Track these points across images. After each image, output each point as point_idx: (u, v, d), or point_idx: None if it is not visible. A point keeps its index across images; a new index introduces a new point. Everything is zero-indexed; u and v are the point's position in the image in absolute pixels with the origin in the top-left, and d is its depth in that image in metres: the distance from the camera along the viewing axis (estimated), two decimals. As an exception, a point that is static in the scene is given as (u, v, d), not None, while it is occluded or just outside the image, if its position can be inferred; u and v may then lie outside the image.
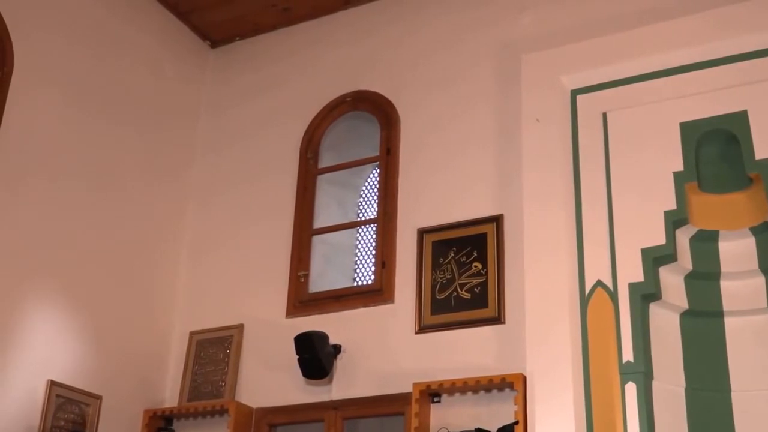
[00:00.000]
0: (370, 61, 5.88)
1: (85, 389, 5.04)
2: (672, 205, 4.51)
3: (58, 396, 4.88)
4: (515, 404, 4.42)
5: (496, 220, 5.02)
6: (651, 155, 4.65)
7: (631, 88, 4.84)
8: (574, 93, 4.97)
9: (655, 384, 4.31)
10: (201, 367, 5.58)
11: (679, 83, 4.72)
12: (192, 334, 5.71)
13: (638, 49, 4.84)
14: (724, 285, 4.51)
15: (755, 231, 4.48)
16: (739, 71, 4.60)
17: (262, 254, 5.70)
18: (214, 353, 5.58)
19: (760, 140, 4.42)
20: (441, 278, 5.05)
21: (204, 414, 5.35)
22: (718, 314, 4.48)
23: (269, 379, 5.32)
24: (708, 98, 4.62)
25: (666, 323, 4.47)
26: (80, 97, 5.44)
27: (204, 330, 5.67)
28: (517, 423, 4.36)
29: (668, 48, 4.77)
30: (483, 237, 5.03)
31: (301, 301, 5.46)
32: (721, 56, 4.65)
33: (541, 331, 4.49)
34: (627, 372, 4.28)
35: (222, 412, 5.26)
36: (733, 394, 4.36)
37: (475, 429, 4.51)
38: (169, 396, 5.61)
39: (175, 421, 5.46)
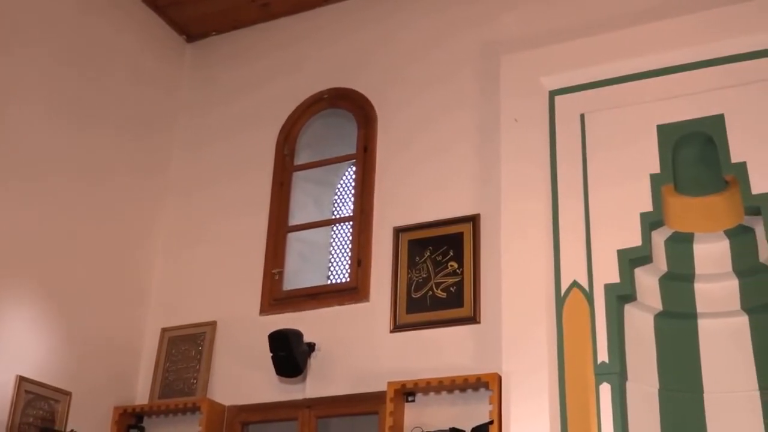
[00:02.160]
0: (349, 58, 5.86)
1: (54, 385, 4.97)
2: (648, 207, 4.52)
3: (27, 392, 4.80)
4: (490, 404, 4.42)
5: (473, 220, 5.01)
6: (628, 157, 4.66)
7: (609, 90, 4.85)
8: (553, 94, 4.97)
9: (629, 385, 4.32)
10: (173, 364, 5.53)
11: (657, 86, 4.74)
12: (164, 330, 5.66)
13: (617, 51, 4.85)
14: (698, 287, 4.53)
15: (730, 234, 4.50)
16: (716, 75, 4.63)
17: (237, 251, 5.66)
18: (186, 350, 5.52)
19: (737, 143, 4.45)
20: (417, 277, 5.04)
21: (176, 411, 5.30)
22: (692, 316, 4.51)
23: (242, 376, 5.27)
24: (685, 101, 4.65)
25: (640, 324, 4.49)
26: (56, 93, 5.38)
27: (177, 327, 5.62)
28: (491, 423, 4.36)
29: (646, 51, 4.78)
30: (459, 236, 5.02)
31: (276, 298, 5.42)
32: (699, 60, 4.68)
33: (517, 331, 4.48)
34: (602, 373, 4.29)
35: (194, 409, 5.21)
36: (705, 396, 4.39)
37: (450, 429, 4.50)
38: (141, 393, 5.55)
39: (146, 418, 5.41)
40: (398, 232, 5.20)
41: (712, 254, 4.53)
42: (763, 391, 4.29)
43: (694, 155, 4.64)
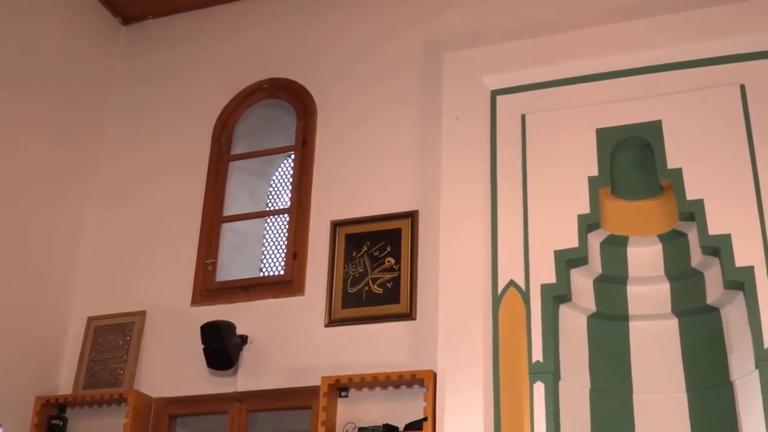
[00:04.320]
0: (291, 50, 5.78)
1: (-27, 374, 4.81)
2: (586, 209, 4.57)
3: (-55, 380, 4.64)
4: (425, 401, 4.42)
5: (411, 216, 5.01)
6: (567, 159, 4.71)
7: (550, 91, 4.89)
8: (495, 93, 4.99)
9: (561, 384, 4.37)
10: (99, 354, 5.39)
11: (598, 90, 4.80)
12: (90, 319, 5.51)
13: (559, 54, 4.90)
14: (631, 289, 4.61)
15: (663, 238, 4.59)
16: (655, 81, 4.71)
17: (169, 239, 5.55)
18: (113, 340, 5.39)
19: (673, 150, 4.53)
20: (353, 272, 5.01)
21: (101, 403, 5.18)
22: (624, 317, 4.58)
23: (171, 368, 5.17)
24: (625, 106, 4.71)
25: (574, 324, 4.54)
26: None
27: (104, 316, 5.48)
28: (425, 419, 4.36)
29: (588, 55, 4.84)
30: (397, 232, 5.01)
31: (208, 289, 5.33)
32: (639, 66, 4.75)
33: (453, 329, 4.49)
34: (536, 372, 4.32)
35: (120, 401, 5.09)
36: (634, 396, 4.46)
37: (383, 425, 4.48)
38: (64, 383, 5.40)
39: (69, 409, 5.26)
40: (335, 226, 5.16)
41: (645, 258, 4.61)
42: (690, 392, 4.39)
43: (632, 160, 4.71)
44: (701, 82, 4.61)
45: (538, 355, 4.36)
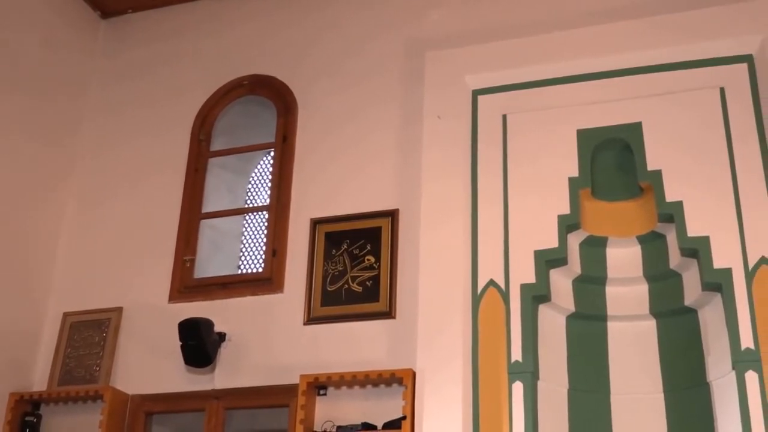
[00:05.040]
0: (272, 45, 5.76)
1: (-54, 369, 4.75)
2: (566, 210, 4.59)
3: None
4: (403, 400, 4.41)
5: (392, 215, 5.00)
6: (548, 159, 4.72)
7: (532, 92, 4.91)
8: (476, 93, 5.00)
9: (540, 384, 4.38)
10: (75, 350, 5.34)
11: (579, 91, 4.81)
12: (66, 315, 5.45)
13: (541, 55, 4.91)
14: (610, 290, 4.63)
15: (642, 239, 4.62)
16: (636, 84, 4.74)
17: (147, 235, 5.50)
18: (89, 336, 5.34)
19: (653, 152, 4.56)
20: (333, 270, 5.00)
21: (76, 399, 5.12)
22: (602, 318, 4.60)
23: (148, 365, 5.13)
24: (605, 108, 4.73)
25: (553, 325, 4.56)
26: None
27: (80, 311, 5.42)
28: (404, 418, 4.36)
29: (570, 56, 4.86)
30: (377, 231, 5.00)
31: (186, 286, 5.30)
32: (620, 68, 4.78)
33: (432, 328, 4.49)
34: (515, 371, 4.33)
35: (96, 398, 5.05)
36: (612, 397, 4.48)
37: (362, 423, 4.48)
38: (39, 380, 5.33)
39: (43, 406, 5.21)
40: (315, 223, 5.14)
41: (624, 259, 4.63)
42: (667, 393, 4.41)
43: (612, 161, 4.74)
44: (681, 85, 4.65)
45: (517, 354, 4.37)
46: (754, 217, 4.28)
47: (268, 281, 5.12)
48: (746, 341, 4.07)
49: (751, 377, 4.01)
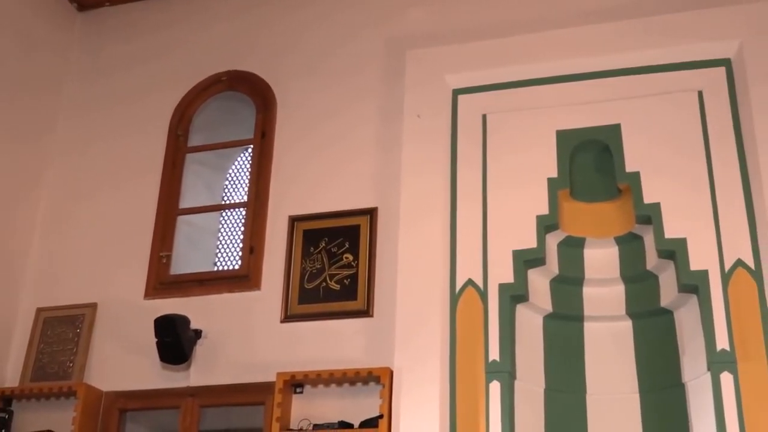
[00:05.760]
0: (251, 41, 5.72)
1: None
2: (544, 210, 4.60)
3: None
4: (381, 398, 4.41)
5: (370, 213, 4.99)
6: (527, 160, 4.73)
7: (512, 92, 4.92)
8: (456, 92, 5.00)
9: (517, 384, 4.39)
10: (48, 346, 5.28)
11: (558, 92, 4.83)
12: (40, 310, 5.39)
13: (521, 55, 4.92)
14: (587, 290, 4.65)
15: (620, 240, 4.64)
16: (615, 85, 4.76)
17: (123, 231, 5.45)
18: (63, 332, 5.28)
19: (631, 153, 4.59)
20: (311, 268, 4.98)
21: (48, 396, 5.06)
22: (579, 318, 4.62)
23: (123, 362, 5.09)
24: (585, 109, 4.75)
25: (530, 324, 4.57)
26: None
27: (54, 307, 5.37)
28: (381, 417, 4.35)
29: (550, 57, 4.87)
30: (356, 229, 4.99)
31: (162, 282, 5.25)
32: (600, 70, 4.80)
33: (410, 327, 4.49)
34: (492, 371, 4.34)
35: (69, 394, 4.99)
36: (588, 397, 4.51)
37: (338, 422, 4.46)
38: (11, 376, 5.27)
39: (15, 402, 5.14)
40: (293, 221, 5.12)
41: (601, 260, 4.66)
42: (642, 393, 4.44)
43: (591, 162, 4.76)
44: (660, 88, 4.68)
45: (494, 354, 4.38)
46: (730, 220, 4.32)
47: (245, 278, 5.09)
48: (722, 343, 4.11)
49: (726, 378, 4.05)
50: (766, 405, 3.98)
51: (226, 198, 5.93)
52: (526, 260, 4.53)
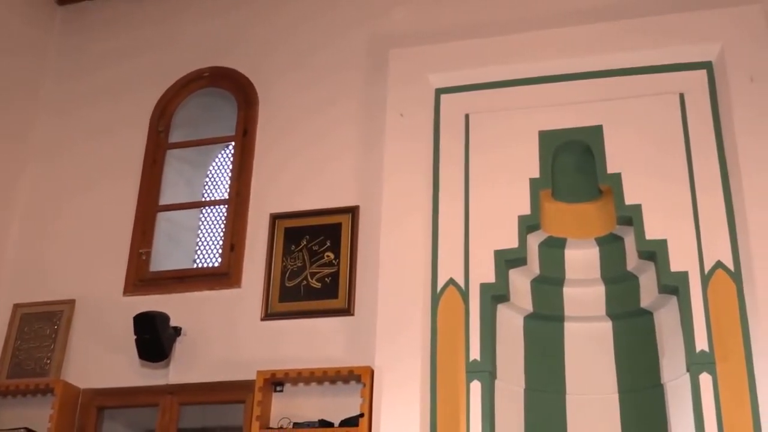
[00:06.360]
0: (234, 37, 5.70)
1: None
2: (526, 210, 4.61)
3: None
4: (361, 397, 4.41)
5: (352, 212, 4.98)
6: (509, 160, 4.74)
7: (494, 92, 4.92)
8: (439, 92, 5.00)
9: (497, 383, 4.40)
10: (24, 342, 5.24)
11: (541, 93, 4.84)
12: (17, 306, 5.35)
13: (504, 55, 4.93)
14: (567, 291, 4.67)
15: (600, 241, 4.66)
16: (597, 87, 4.78)
17: (102, 227, 5.42)
18: (40, 328, 5.24)
19: (613, 155, 4.61)
20: (292, 265, 4.97)
21: (25, 393, 5.03)
22: (559, 319, 4.64)
23: (101, 359, 5.06)
24: (567, 110, 4.77)
25: (511, 324, 4.58)
26: None
27: (31, 303, 5.32)
28: (362, 416, 4.35)
29: (533, 58, 4.88)
30: (337, 227, 4.98)
31: (141, 279, 5.23)
32: (582, 71, 4.81)
33: (391, 326, 4.48)
34: (473, 370, 4.35)
35: (46, 391, 4.96)
36: (567, 397, 4.52)
37: (319, 420, 4.45)
38: (-13, 372, 5.22)
39: (-9, 398, 5.10)
40: (275, 218, 5.10)
41: (582, 260, 4.68)
42: (622, 394, 4.46)
43: (573, 163, 4.78)
44: (642, 90, 4.70)
45: (475, 353, 4.39)
46: (711, 222, 4.35)
47: (225, 276, 5.07)
48: (701, 344, 4.14)
49: (705, 379, 4.08)
50: (744, 406, 4.01)
51: (206, 195, 5.89)
52: (507, 260, 4.54)
